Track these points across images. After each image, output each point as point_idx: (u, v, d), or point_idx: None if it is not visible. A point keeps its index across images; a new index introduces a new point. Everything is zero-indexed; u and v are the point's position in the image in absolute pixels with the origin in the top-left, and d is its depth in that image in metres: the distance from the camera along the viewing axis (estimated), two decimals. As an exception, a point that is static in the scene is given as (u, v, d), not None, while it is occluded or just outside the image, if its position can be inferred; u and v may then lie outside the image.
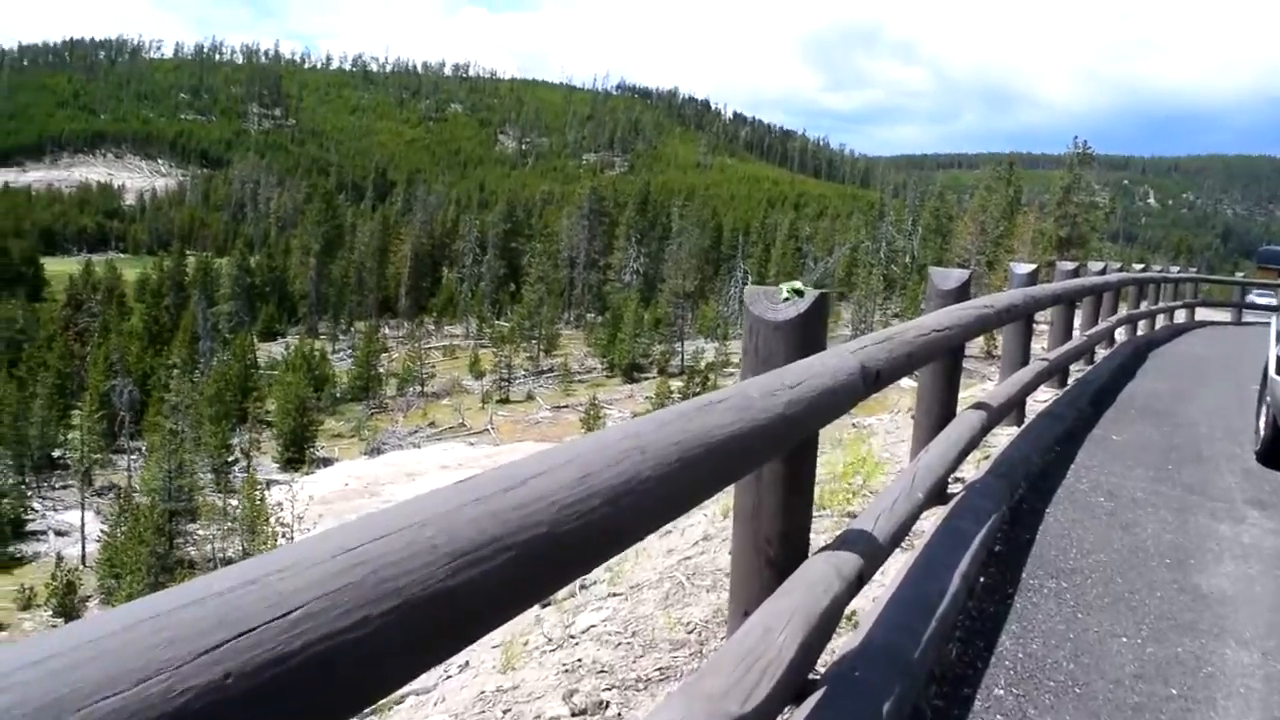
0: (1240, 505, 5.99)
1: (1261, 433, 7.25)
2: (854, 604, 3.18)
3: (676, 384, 55.85)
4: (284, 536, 30.43)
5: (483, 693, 3.90)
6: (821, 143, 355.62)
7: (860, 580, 2.89)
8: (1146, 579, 4.53)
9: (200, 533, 36.22)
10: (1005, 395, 5.97)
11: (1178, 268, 27.08)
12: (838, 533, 3.66)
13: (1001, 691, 3.27)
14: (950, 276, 4.98)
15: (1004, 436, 6.82)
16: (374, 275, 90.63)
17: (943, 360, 4.59)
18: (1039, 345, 10.92)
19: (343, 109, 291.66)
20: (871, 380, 2.85)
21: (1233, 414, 9.43)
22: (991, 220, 52.29)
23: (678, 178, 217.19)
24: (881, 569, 3.53)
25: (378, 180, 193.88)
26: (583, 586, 5.52)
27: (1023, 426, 7.27)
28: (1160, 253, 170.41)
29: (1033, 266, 7.87)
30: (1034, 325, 8.97)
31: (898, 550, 3.95)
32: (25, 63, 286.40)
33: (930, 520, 4.54)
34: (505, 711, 3.57)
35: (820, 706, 2.73)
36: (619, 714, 3.26)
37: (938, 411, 4.86)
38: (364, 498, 36.97)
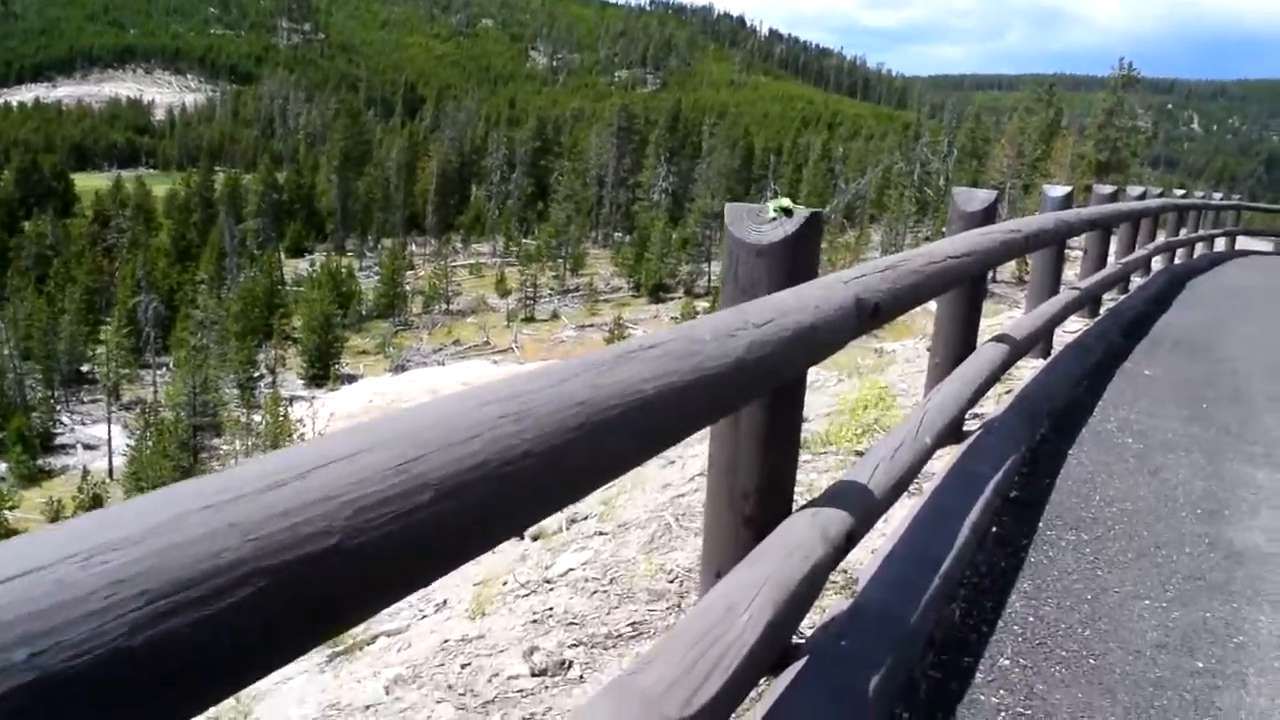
0: (1280, 449, 5.59)
1: None
2: (850, 556, 2.83)
3: (702, 305, 55.44)
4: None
5: (446, 642, 3.63)
6: (858, 61, 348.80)
7: (849, 542, 2.54)
8: (1175, 531, 4.16)
9: (225, 448, 36.46)
10: (1030, 326, 5.55)
11: (1219, 195, 26.18)
12: (840, 474, 3.33)
13: (1007, 662, 2.94)
14: (975, 197, 4.55)
15: (1028, 370, 6.42)
16: (401, 192, 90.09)
17: (962, 289, 4.18)
18: (1071, 273, 10.44)
19: (372, 23, 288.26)
20: (868, 314, 2.46)
21: (1274, 348, 8.96)
22: (1029, 143, 51.03)
23: (710, 96, 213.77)
24: (885, 515, 3.20)
25: (407, 96, 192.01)
26: (573, 521, 5.25)
27: (1049, 359, 6.86)
28: (1202, 180, 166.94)
29: (1067, 189, 7.38)
30: (1067, 252, 8.49)
31: (904, 495, 3.61)
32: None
33: (943, 459, 4.19)
34: (464, 665, 3.29)
35: (798, 680, 2.42)
36: (580, 676, 2.97)
37: (955, 345, 4.44)
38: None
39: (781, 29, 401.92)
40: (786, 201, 2.31)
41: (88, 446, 41.10)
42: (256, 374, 47.45)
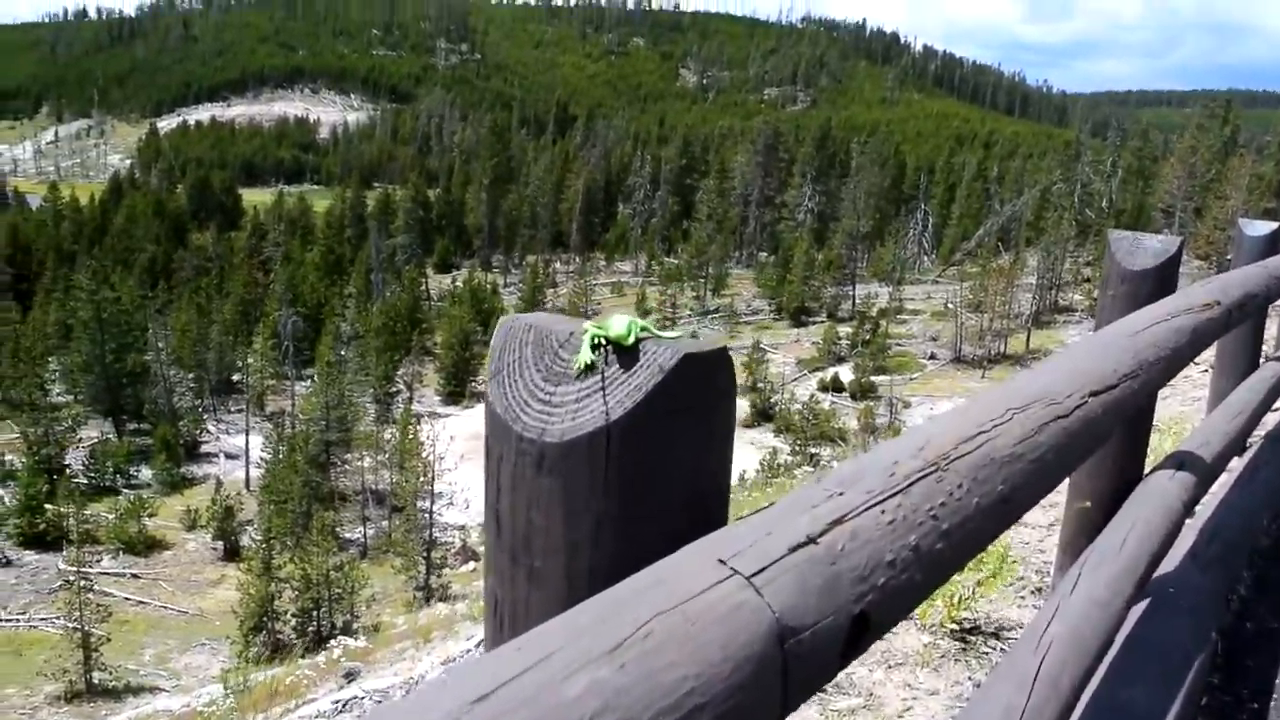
0: None
1: None
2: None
3: (845, 329, 53.47)
4: (425, 474, 30.10)
5: None
6: (1017, 78, 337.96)
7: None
8: None
9: (356, 463, 36.56)
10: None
11: None
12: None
13: None
14: (1143, 248, 3.18)
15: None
16: (548, 209, 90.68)
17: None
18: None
19: (527, 43, 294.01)
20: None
21: None
22: (1202, 163, 47.61)
23: (861, 113, 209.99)
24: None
25: (559, 115, 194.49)
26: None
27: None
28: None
29: (1271, 226, 5.77)
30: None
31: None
32: (232, 1, 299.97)
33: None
34: None
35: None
36: None
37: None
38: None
39: (937, 45, 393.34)
40: (618, 327, 1.06)
41: (230, 456, 41.93)
42: (394, 389, 47.81)
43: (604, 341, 0.97)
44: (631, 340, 0.96)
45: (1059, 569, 2.99)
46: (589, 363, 0.97)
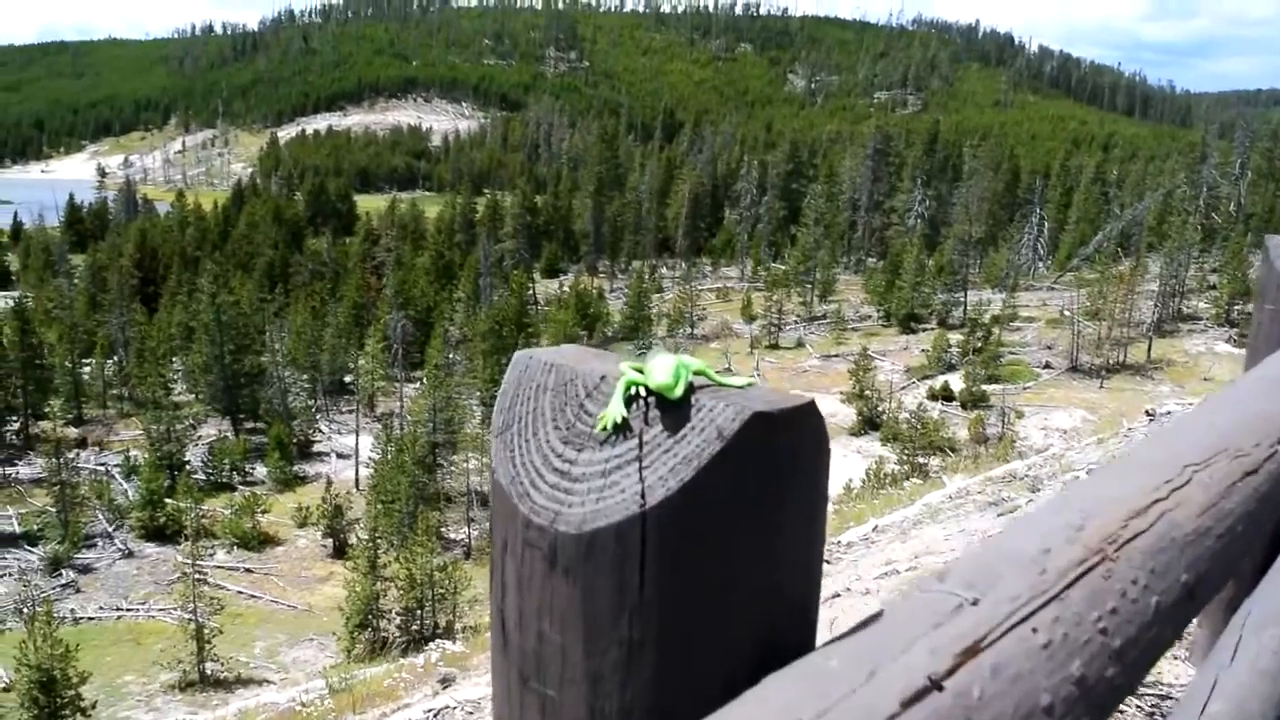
0: None
1: None
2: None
3: (956, 337, 52.17)
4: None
5: None
6: (1137, 78, 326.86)
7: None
8: None
9: (462, 465, 36.98)
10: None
11: None
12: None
13: None
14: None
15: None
16: (654, 215, 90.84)
17: None
18: None
19: (634, 51, 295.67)
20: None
21: None
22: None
23: (974, 116, 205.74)
24: None
25: (665, 121, 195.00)
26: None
27: None
28: None
29: None
30: None
31: None
32: (350, 14, 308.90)
33: None
34: None
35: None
36: None
37: None
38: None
39: (1054, 46, 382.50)
40: (661, 373, 0.73)
41: (341, 455, 42.84)
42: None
43: (643, 392, 0.70)
44: (680, 391, 0.69)
45: (1201, 623, 2.62)
46: (619, 419, 0.69)
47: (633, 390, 0.69)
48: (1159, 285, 54.02)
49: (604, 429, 0.68)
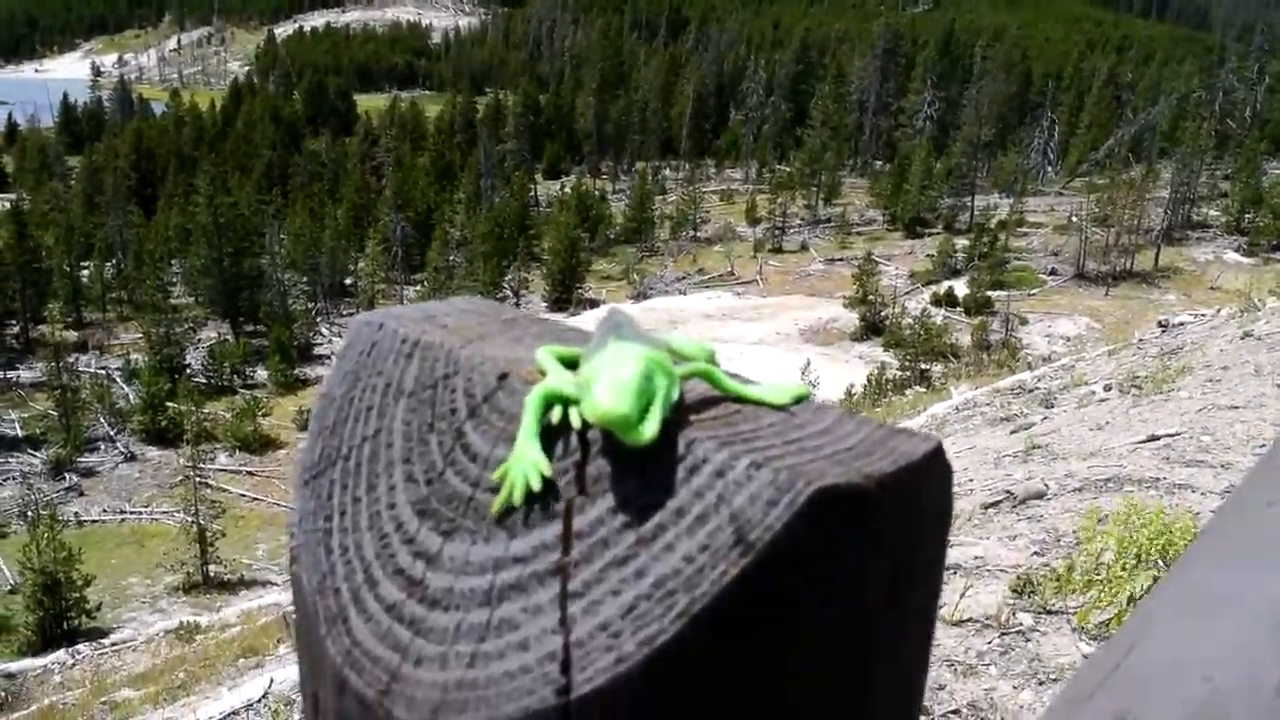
0: None
1: None
2: None
3: (962, 242, 51.59)
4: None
5: None
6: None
7: None
8: None
9: (462, 368, 36.88)
10: None
11: None
12: None
13: None
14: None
15: None
16: (658, 115, 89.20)
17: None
18: None
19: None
20: None
21: None
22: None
23: (986, 16, 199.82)
24: None
25: (670, 18, 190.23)
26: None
27: None
28: None
29: None
30: None
31: None
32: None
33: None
34: None
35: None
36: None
37: None
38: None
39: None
40: (612, 383, 0.35)
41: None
42: (501, 295, 47.99)
43: (577, 421, 0.36)
44: (650, 430, 0.34)
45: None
46: (534, 480, 0.35)
47: (557, 414, 0.36)
48: (1170, 192, 53.20)
49: (504, 501, 0.35)
